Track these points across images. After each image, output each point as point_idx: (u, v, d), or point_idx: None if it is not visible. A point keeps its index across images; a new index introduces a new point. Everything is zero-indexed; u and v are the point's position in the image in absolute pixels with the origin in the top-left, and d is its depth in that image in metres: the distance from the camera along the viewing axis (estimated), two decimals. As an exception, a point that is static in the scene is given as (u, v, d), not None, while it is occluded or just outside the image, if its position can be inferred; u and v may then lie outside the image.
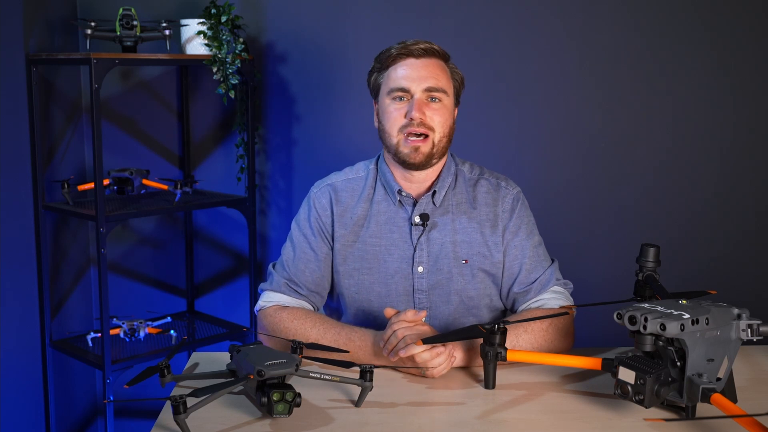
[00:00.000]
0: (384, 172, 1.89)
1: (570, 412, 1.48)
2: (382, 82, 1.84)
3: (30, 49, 2.64)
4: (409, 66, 1.80)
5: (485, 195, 1.88)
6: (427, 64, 1.80)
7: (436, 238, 1.85)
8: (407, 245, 1.85)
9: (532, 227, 1.90)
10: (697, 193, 2.85)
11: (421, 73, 1.79)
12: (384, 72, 1.84)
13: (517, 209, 1.88)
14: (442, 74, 1.82)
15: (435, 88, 1.79)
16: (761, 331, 1.44)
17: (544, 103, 2.86)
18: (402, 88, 1.79)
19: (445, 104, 1.81)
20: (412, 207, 1.86)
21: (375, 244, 1.86)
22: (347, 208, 1.89)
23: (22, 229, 2.67)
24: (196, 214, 3.12)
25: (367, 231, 1.87)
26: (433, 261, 1.85)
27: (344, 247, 1.88)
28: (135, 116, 3.04)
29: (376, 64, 1.86)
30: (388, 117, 1.82)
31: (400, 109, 1.80)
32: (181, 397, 1.33)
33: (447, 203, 1.87)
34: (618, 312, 1.40)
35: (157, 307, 3.08)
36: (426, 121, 1.78)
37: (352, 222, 1.88)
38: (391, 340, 1.63)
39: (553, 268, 1.87)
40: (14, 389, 2.64)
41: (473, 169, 1.92)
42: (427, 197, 1.85)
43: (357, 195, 1.90)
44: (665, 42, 2.78)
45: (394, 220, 1.86)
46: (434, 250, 1.84)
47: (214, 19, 2.69)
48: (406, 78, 1.79)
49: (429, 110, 1.79)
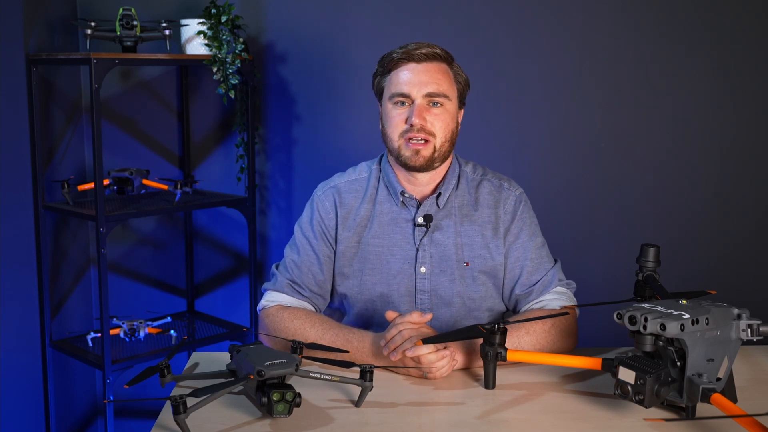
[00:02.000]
0: (387, 172, 1.89)
1: (570, 412, 1.48)
2: (384, 85, 1.85)
3: (30, 49, 2.64)
4: (411, 71, 1.80)
5: (487, 196, 1.88)
6: (429, 68, 1.80)
7: (439, 239, 1.85)
8: (410, 246, 1.85)
9: (534, 229, 1.90)
10: (697, 193, 2.85)
11: (422, 78, 1.78)
12: (387, 76, 1.84)
13: (519, 211, 1.88)
14: (444, 78, 1.81)
15: (436, 93, 1.79)
16: (761, 331, 1.44)
17: (545, 103, 2.86)
18: (403, 94, 1.79)
19: (446, 109, 1.81)
20: (415, 208, 1.86)
21: (378, 244, 1.86)
22: (351, 210, 1.89)
23: (22, 229, 2.67)
24: (196, 214, 3.12)
25: (370, 231, 1.87)
26: (436, 262, 1.85)
27: (347, 249, 1.88)
28: (135, 116, 3.04)
29: (379, 67, 1.86)
30: (389, 121, 1.82)
31: (401, 114, 1.80)
32: (181, 397, 1.33)
33: (450, 205, 1.87)
34: (618, 312, 1.40)
35: (157, 307, 3.08)
36: (426, 127, 1.78)
37: (356, 223, 1.88)
38: (396, 339, 1.62)
39: (556, 268, 1.87)
40: (14, 389, 2.64)
41: (476, 170, 1.92)
42: (432, 199, 1.86)
43: (360, 196, 1.90)
44: (665, 42, 2.78)
45: (396, 221, 1.87)
46: (437, 251, 1.84)
47: (214, 19, 2.69)
48: (407, 83, 1.79)
49: (430, 115, 1.79)
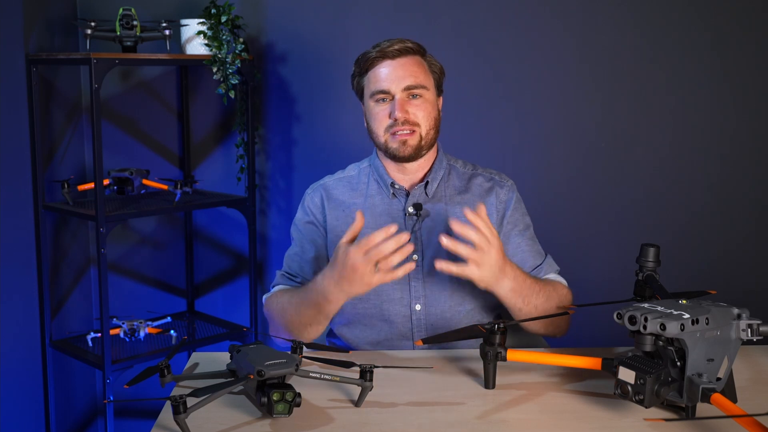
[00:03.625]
0: (377, 166, 1.95)
1: (570, 412, 1.48)
2: (364, 85, 1.92)
3: (30, 49, 2.64)
4: (387, 67, 1.87)
5: (479, 187, 1.95)
6: (404, 63, 1.87)
7: (431, 226, 1.89)
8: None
9: (528, 220, 1.97)
10: (697, 193, 2.84)
11: (399, 73, 1.85)
12: (365, 75, 1.91)
13: (514, 200, 1.95)
14: (420, 70, 1.88)
15: (414, 86, 1.86)
16: (761, 331, 1.44)
17: (544, 102, 2.86)
18: (383, 90, 1.86)
19: (426, 98, 1.87)
20: (405, 198, 1.92)
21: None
22: (340, 203, 1.95)
23: (22, 229, 2.67)
24: (196, 214, 3.12)
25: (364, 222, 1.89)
26: (427, 249, 1.87)
27: (338, 238, 1.88)
28: (135, 116, 3.04)
29: (356, 68, 1.93)
30: (373, 118, 1.89)
31: (384, 110, 1.87)
32: (181, 397, 1.33)
33: (440, 194, 1.92)
34: (618, 312, 1.40)
35: (157, 307, 3.08)
36: (410, 119, 1.85)
37: (345, 215, 1.93)
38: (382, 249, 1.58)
39: (550, 258, 1.95)
40: (14, 389, 2.64)
41: (467, 165, 2.00)
42: (420, 188, 1.91)
43: (349, 190, 1.96)
44: (665, 42, 2.78)
45: (388, 211, 1.92)
46: (429, 238, 1.88)
47: (214, 19, 2.69)
48: (385, 80, 1.86)
49: (411, 107, 1.85)
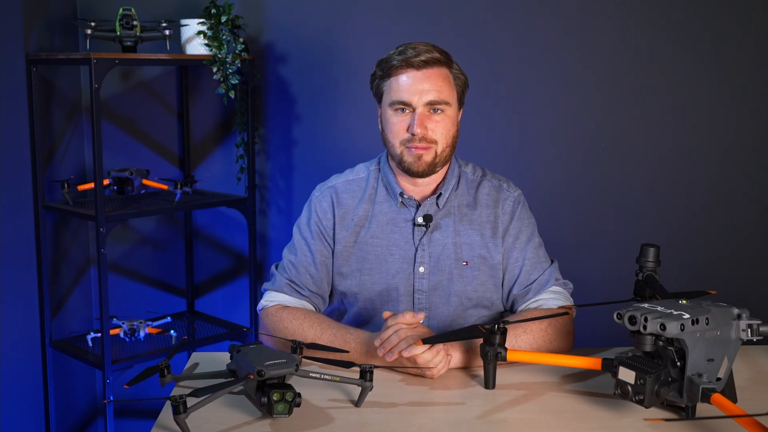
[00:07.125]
0: (386, 173, 1.89)
1: (570, 412, 1.48)
2: (384, 90, 1.83)
3: (30, 49, 2.64)
4: (411, 78, 1.78)
5: (486, 197, 1.89)
6: (429, 75, 1.78)
7: (438, 239, 1.85)
8: (409, 245, 1.85)
9: (532, 229, 1.91)
10: (697, 193, 2.84)
11: (423, 86, 1.77)
12: (386, 80, 1.82)
13: (518, 212, 1.89)
14: (445, 84, 1.80)
15: (437, 101, 1.78)
16: (761, 331, 1.44)
17: (544, 103, 2.86)
18: (403, 102, 1.78)
19: (447, 114, 1.81)
20: (415, 208, 1.87)
21: (376, 244, 1.86)
22: (348, 210, 1.90)
23: (22, 229, 2.67)
24: (196, 214, 3.12)
25: (368, 231, 1.87)
26: (434, 262, 1.85)
27: (345, 249, 1.88)
28: (135, 116, 3.04)
29: (378, 70, 1.85)
30: (390, 128, 1.82)
31: (402, 121, 1.80)
32: (181, 397, 1.33)
33: (449, 205, 1.88)
34: (618, 312, 1.40)
35: (157, 307, 3.08)
36: (428, 135, 1.78)
37: (353, 223, 1.88)
38: (392, 339, 1.62)
39: (553, 268, 1.88)
40: (14, 389, 2.64)
41: (476, 171, 1.94)
42: (432, 199, 1.86)
43: (358, 196, 1.91)
44: (665, 42, 2.78)
45: (395, 220, 1.87)
46: (436, 251, 1.85)
47: (214, 19, 2.69)
48: (407, 91, 1.78)
49: (431, 123, 1.79)
